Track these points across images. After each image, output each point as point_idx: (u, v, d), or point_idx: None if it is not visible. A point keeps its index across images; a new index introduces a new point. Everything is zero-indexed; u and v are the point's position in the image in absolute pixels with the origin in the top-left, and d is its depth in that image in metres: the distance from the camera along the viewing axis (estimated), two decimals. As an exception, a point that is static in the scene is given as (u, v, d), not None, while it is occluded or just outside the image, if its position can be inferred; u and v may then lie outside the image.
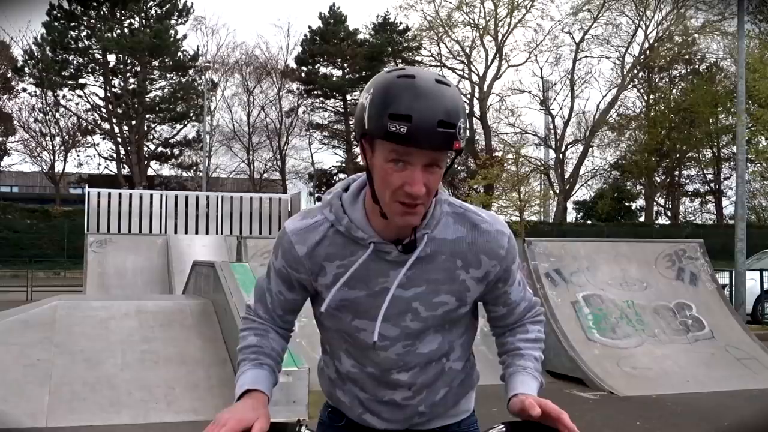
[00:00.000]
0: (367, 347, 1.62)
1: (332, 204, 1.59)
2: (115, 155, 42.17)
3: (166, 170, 44.55)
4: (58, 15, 39.22)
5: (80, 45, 40.00)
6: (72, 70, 39.78)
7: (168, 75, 41.87)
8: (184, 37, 42.15)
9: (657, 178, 44.67)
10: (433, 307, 1.59)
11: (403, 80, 1.41)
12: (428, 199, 1.45)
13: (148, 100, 40.96)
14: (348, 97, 44.01)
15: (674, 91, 43.67)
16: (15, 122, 40.23)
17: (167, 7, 41.11)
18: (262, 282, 1.71)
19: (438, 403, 1.70)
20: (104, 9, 39.80)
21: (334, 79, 44.58)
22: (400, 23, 44.96)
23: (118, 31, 40.06)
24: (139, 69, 40.93)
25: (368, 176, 1.49)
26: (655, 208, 46.80)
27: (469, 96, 42.61)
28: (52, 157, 40.96)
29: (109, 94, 40.64)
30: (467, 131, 1.49)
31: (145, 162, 41.80)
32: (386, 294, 1.56)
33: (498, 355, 1.71)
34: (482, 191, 32.13)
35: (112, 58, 40.73)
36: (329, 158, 77.14)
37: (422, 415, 1.69)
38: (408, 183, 1.40)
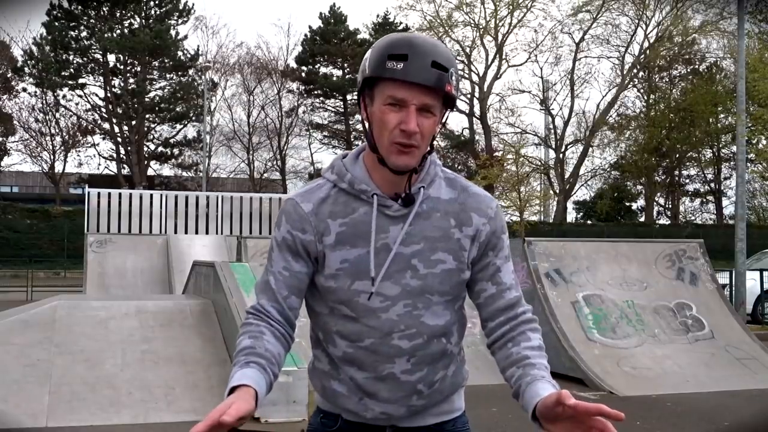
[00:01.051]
0: (366, 311, 1.64)
1: (334, 165, 1.72)
2: (115, 155, 42.14)
3: (166, 170, 44.55)
4: (58, 15, 39.18)
5: (80, 45, 39.94)
6: (72, 70, 39.67)
7: (168, 75, 41.79)
8: (185, 37, 42.14)
9: (657, 178, 44.65)
10: (431, 264, 1.65)
11: (401, 33, 1.64)
12: (422, 142, 1.59)
13: (148, 100, 40.88)
14: (348, 97, 43.96)
15: (674, 91, 43.65)
16: (15, 122, 40.21)
17: (167, 7, 41.09)
18: (263, 275, 1.72)
19: (435, 386, 1.70)
20: (104, 9, 39.76)
21: (335, 79, 44.54)
22: (400, 23, 44.91)
23: (118, 31, 40.03)
24: (139, 69, 40.90)
25: (368, 130, 1.63)
26: (655, 208, 46.81)
27: (469, 96, 42.62)
28: (52, 157, 40.92)
29: (109, 94, 40.59)
30: (460, 85, 1.65)
31: (145, 162, 41.76)
32: (387, 251, 1.63)
33: (502, 371, 1.64)
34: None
35: (112, 58, 40.67)
36: (329, 158, 76.72)
37: (420, 395, 1.68)
38: (403, 122, 1.55)
